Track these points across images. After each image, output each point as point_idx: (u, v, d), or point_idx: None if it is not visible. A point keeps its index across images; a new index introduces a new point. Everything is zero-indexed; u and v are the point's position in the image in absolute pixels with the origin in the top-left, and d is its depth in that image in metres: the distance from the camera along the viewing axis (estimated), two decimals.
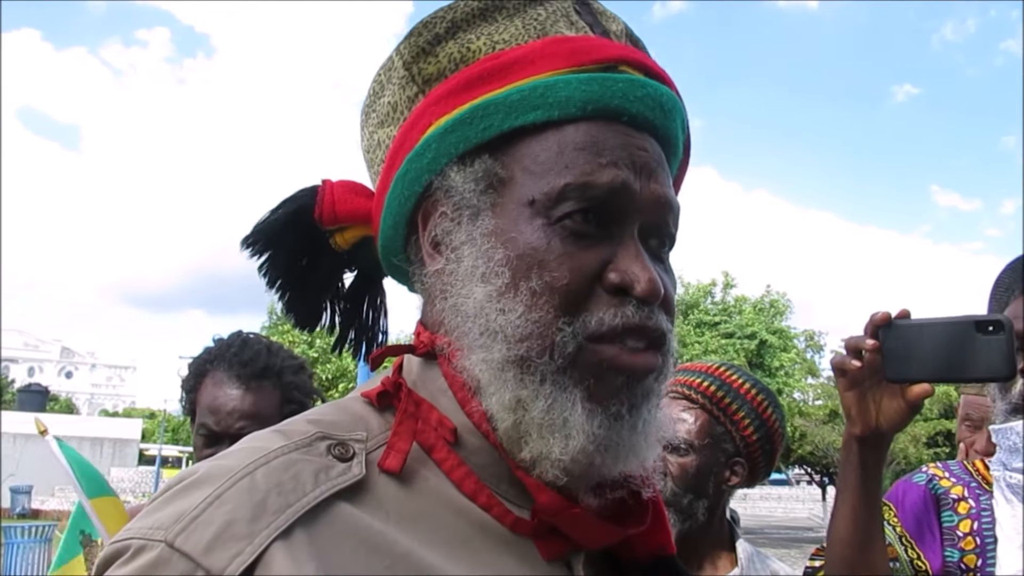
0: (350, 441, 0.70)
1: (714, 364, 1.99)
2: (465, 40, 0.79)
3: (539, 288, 0.70)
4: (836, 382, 1.37)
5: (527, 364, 0.70)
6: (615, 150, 0.74)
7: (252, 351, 1.89)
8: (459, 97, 0.76)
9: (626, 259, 0.72)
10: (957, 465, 1.79)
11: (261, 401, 1.83)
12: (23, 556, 12.70)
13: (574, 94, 0.74)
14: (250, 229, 0.89)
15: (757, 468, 1.92)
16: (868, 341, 1.28)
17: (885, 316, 1.27)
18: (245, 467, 0.64)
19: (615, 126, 0.75)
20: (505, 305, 0.71)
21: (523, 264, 0.71)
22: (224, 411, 1.81)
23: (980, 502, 1.66)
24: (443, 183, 0.76)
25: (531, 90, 0.74)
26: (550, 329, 0.70)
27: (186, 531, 0.60)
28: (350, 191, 0.87)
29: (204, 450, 1.82)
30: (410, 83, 0.81)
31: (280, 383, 1.87)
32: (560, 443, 0.69)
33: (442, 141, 0.76)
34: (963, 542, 1.63)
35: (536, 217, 0.72)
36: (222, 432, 1.80)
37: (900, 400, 1.28)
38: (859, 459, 1.35)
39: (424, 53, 0.80)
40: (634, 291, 0.71)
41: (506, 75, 0.75)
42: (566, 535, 0.73)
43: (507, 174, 0.75)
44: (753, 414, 1.89)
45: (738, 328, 33.33)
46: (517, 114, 0.74)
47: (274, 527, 0.60)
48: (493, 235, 0.73)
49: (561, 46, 0.77)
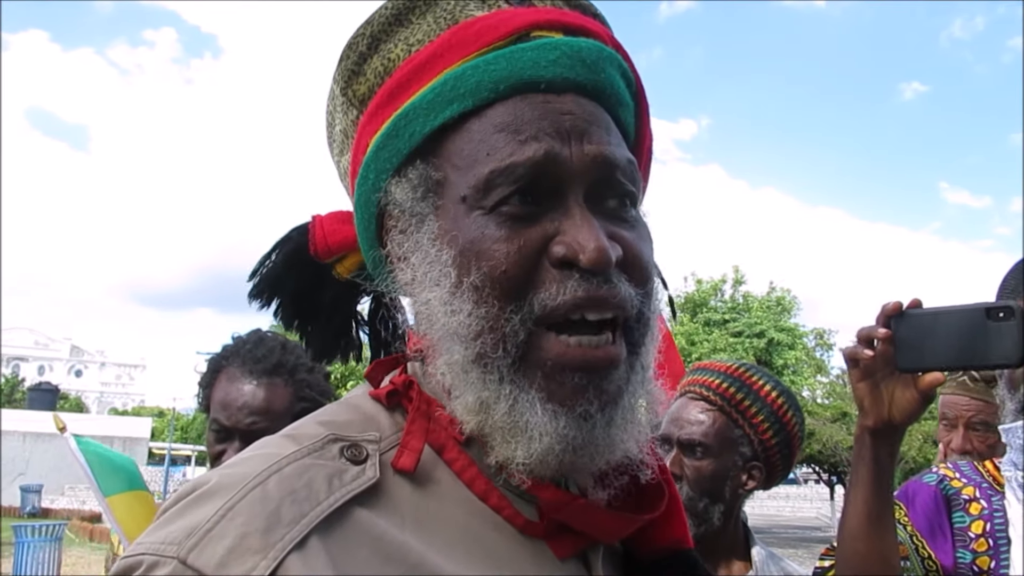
0: (363, 442, 0.69)
1: (734, 364, 1.94)
2: (385, 51, 0.78)
3: (479, 282, 0.68)
4: (848, 373, 1.36)
5: (485, 362, 0.68)
6: (534, 123, 0.71)
7: (266, 348, 1.90)
8: (384, 111, 0.76)
9: (571, 229, 0.68)
10: (967, 466, 1.78)
11: (273, 397, 1.83)
12: (33, 555, 12.75)
13: (483, 77, 0.72)
14: (250, 280, 0.89)
15: (775, 471, 1.88)
16: (880, 330, 1.28)
17: (897, 306, 1.28)
18: (257, 476, 0.63)
19: (534, 97, 0.72)
20: (455, 305, 0.69)
21: (465, 260, 0.69)
22: (235, 406, 1.82)
23: (992, 503, 1.65)
24: (388, 199, 0.76)
25: (442, 85, 0.73)
26: (498, 321, 0.68)
27: (199, 546, 0.58)
28: (338, 221, 0.87)
29: (216, 446, 1.83)
30: (350, 107, 0.81)
31: (293, 380, 1.88)
32: (523, 446, 0.67)
33: (377, 159, 0.76)
34: (976, 543, 1.62)
35: (472, 211, 0.70)
36: (232, 427, 1.81)
37: (913, 390, 1.28)
38: (872, 451, 1.34)
39: (354, 75, 0.80)
40: (579, 260, 0.67)
41: (420, 76, 0.74)
42: (579, 531, 0.72)
43: (441, 175, 0.73)
44: (772, 417, 1.84)
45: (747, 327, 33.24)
46: (435, 113, 0.73)
47: (288, 539, 0.59)
48: (438, 238, 0.72)
49: (467, 31, 0.74)
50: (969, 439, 2.72)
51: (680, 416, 1.87)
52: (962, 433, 2.72)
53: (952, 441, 2.74)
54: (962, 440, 2.71)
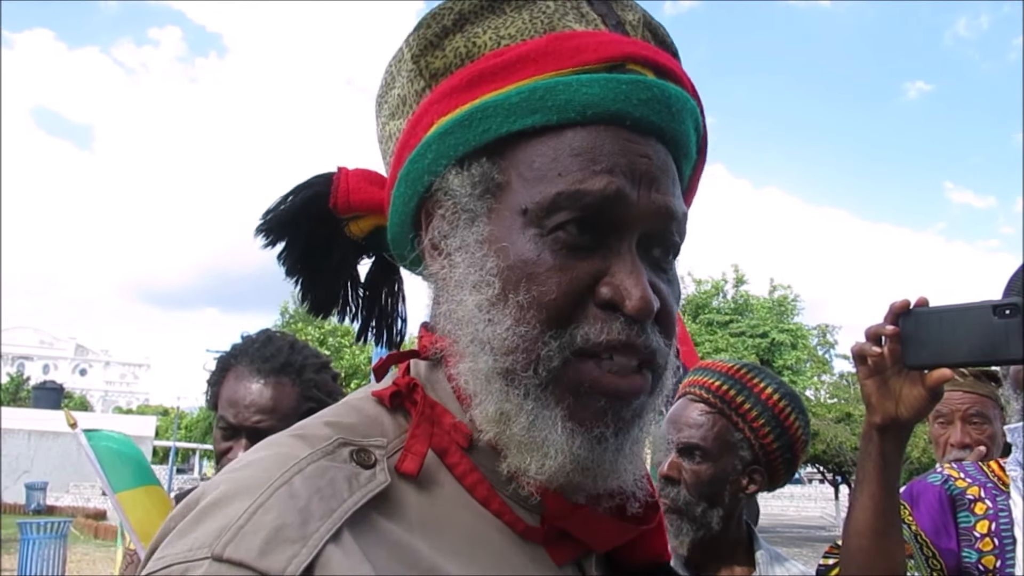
0: (370, 447, 0.68)
1: (735, 364, 1.89)
2: (472, 34, 0.77)
3: (526, 302, 0.68)
4: (856, 370, 1.37)
5: (512, 377, 0.69)
6: (612, 156, 0.70)
7: (275, 347, 1.91)
8: (461, 96, 0.74)
9: (620, 273, 0.69)
10: (972, 466, 1.78)
11: (279, 396, 1.84)
12: (38, 552, 12.79)
13: (574, 97, 0.71)
14: (263, 217, 0.87)
15: (777, 475, 1.83)
16: (888, 327, 1.29)
17: (904, 303, 1.29)
18: (281, 475, 0.62)
19: (616, 131, 0.72)
20: (494, 316, 0.69)
21: (513, 276, 0.69)
22: (242, 404, 1.83)
23: (997, 503, 1.65)
24: (443, 185, 0.75)
25: (530, 92, 0.71)
26: (536, 344, 0.68)
27: (234, 541, 0.57)
28: (365, 180, 0.86)
29: (222, 443, 1.84)
30: (418, 77, 0.79)
31: (300, 380, 1.88)
32: (537, 461, 0.68)
33: (442, 143, 0.74)
34: (981, 543, 1.62)
35: (529, 227, 0.70)
36: (239, 425, 1.82)
37: (920, 387, 1.29)
38: (879, 448, 1.35)
39: (431, 46, 0.78)
40: (625, 307, 0.69)
41: (508, 74, 0.73)
42: (577, 538, 0.73)
43: (504, 179, 0.72)
44: (773, 420, 1.79)
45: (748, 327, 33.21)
46: (515, 118, 0.72)
47: (325, 530, 0.59)
48: (487, 242, 0.72)
49: (565, 43, 0.73)
50: (967, 432, 2.72)
51: (679, 419, 1.83)
52: (960, 427, 2.72)
53: (951, 437, 2.74)
54: (960, 434, 2.72)
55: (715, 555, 1.82)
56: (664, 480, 1.79)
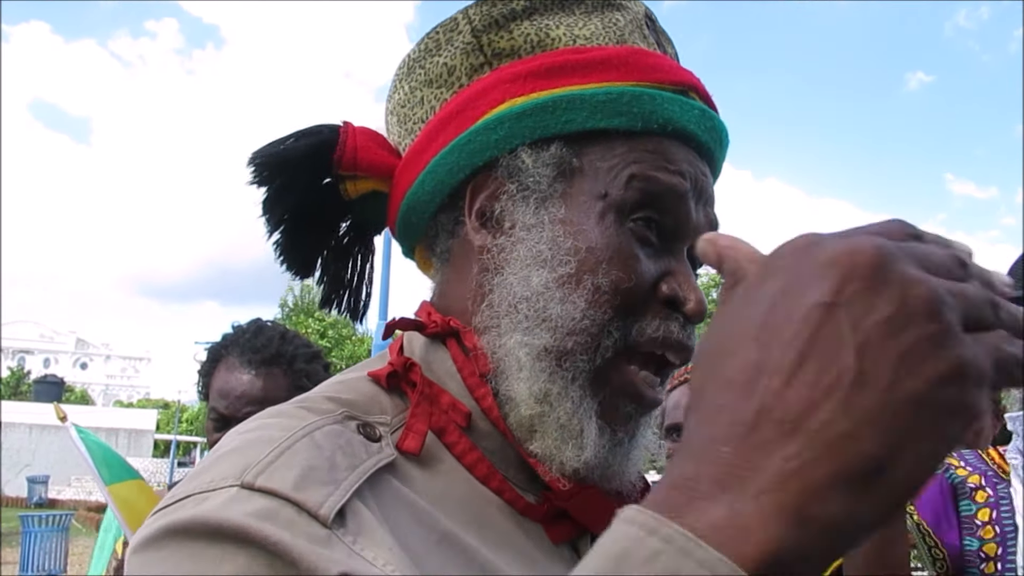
0: (374, 423, 0.69)
1: None
2: (543, 25, 0.79)
3: (605, 286, 0.71)
4: None
5: (566, 358, 0.70)
6: (682, 163, 0.75)
7: (265, 337, 1.91)
8: (539, 82, 0.75)
9: (680, 275, 0.74)
10: (972, 454, 1.78)
11: (271, 387, 1.85)
12: (40, 545, 12.85)
13: (656, 110, 0.75)
14: (259, 151, 0.83)
15: None
16: None
17: None
18: (302, 428, 0.62)
19: (685, 149, 0.76)
20: (565, 295, 0.71)
21: (591, 258, 0.71)
22: (233, 395, 1.84)
23: (998, 491, 1.66)
24: (511, 162, 0.76)
25: (619, 95, 0.74)
26: (603, 329, 0.71)
27: (266, 472, 0.56)
28: (372, 140, 0.85)
29: (214, 434, 1.84)
30: (476, 51, 0.79)
31: (291, 370, 1.89)
32: (574, 450, 0.70)
33: (518, 122, 0.75)
34: (982, 531, 1.62)
35: (607, 213, 0.73)
36: (230, 416, 1.82)
37: None
38: None
39: (497, 25, 0.79)
40: (685, 307, 0.73)
41: (590, 73, 0.75)
42: (574, 519, 0.73)
43: (579, 165, 0.75)
44: None
45: None
46: (601, 116, 0.74)
47: (352, 480, 0.59)
48: (562, 223, 0.73)
49: (643, 59, 0.77)
50: None
51: (681, 404, 1.87)
52: None
53: None
54: None
55: None
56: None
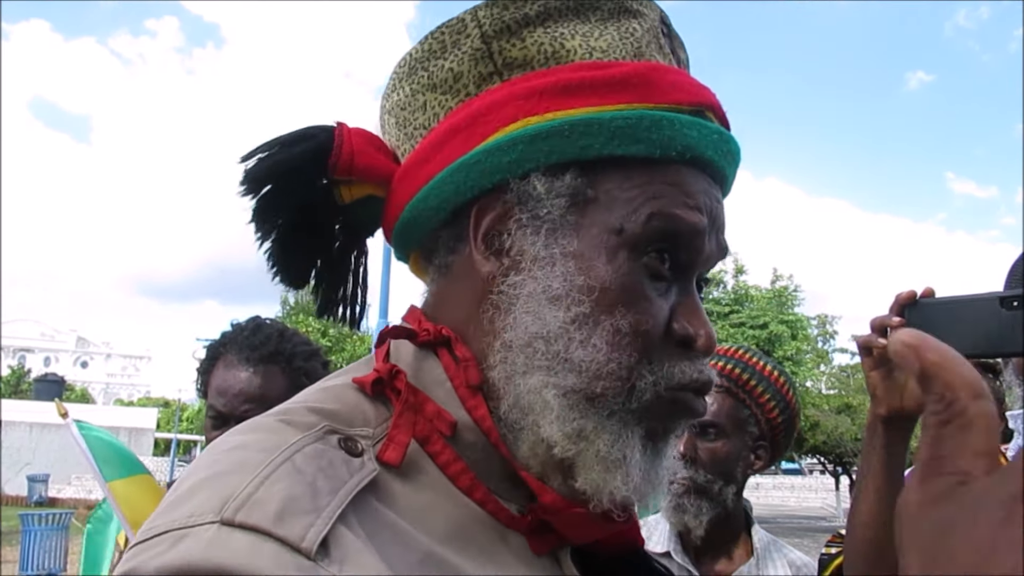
0: (356, 436, 0.67)
1: (733, 347, 1.96)
2: (557, 34, 0.74)
3: (625, 328, 0.68)
4: (862, 361, 1.37)
5: (598, 400, 0.68)
6: (699, 196, 0.73)
7: (264, 335, 1.91)
8: (554, 101, 0.71)
9: (689, 311, 0.72)
10: None
11: (269, 384, 1.84)
12: (40, 543, 12.85)
13: (676, 136, 0.71)
14: (247, 158, 0.79)
15: (778, 450, 1.91)
16: (894, 319, 1.29)
17: (911, 294, 1.28)
18: (281, 453, 0.60)
19: (701, 175, 0.74)
20: (585, 337, 0.68)
21: (605, 298, 0.69)
22: (231, 393, 1.83)
23: None
24: (522, 188, 0.72)
25: (637, 120, 0.71)
26: (632, 373, 0.68)
27: (246, 507, 0.54)
28: (369, 143, 0.81)
29: (213, 432, 1.83)
30: (486, 59, 0.75)
31: (290, 367, 1.88)
32: (622, 478, 0.69)
33: (531, 145, 0.71)
34: None
35: (621, 249, 0.70)
36: (228, 414, 1.81)
37: None
38: (884, 440, 1.34)
39: (509, 32, 0.74)
40: (696, 344, 0.71)
41: (608, 93, 0.72)
42: (557, 531, 0.72)
43: (593, 195, 0.71)
44: (777, 396, 1.87)
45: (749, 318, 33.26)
46: (619, 142, 0.71)
47: (335, 506, 0.57)
48: (574, 257, 0.70)
49: (662, 77, 0.74)
50: None
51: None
52: None
53: None
54: None
55: (718, 539, 1.85)
56: (680, 459, 1.84)
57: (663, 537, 1.89)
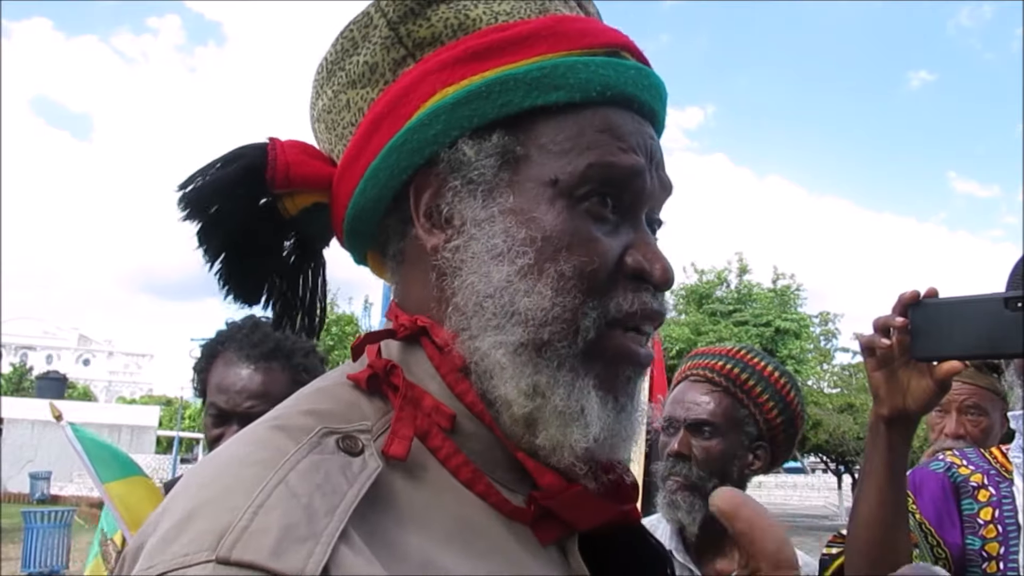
0: (355, 433, 0.65)
1: (734, 347, 1.96)
2: (461, 6, 0.75)
3: (568, 272, 0.69)
4: (864, 362, 1.36)
5: (545, 349, 0.69)
6: (632, 136, 0.74)
7: (262, 332, 1.91)
8: (468, 67, 0.73)
9: (642, 246, 0.74)
10: (975, 453, 1.78)
11: (270, 381, 1.85)
12: (43, 541, 12.89)
13: (592, 77, 0.73)
14: (184, 187, 0.80)
15: (779, 452, 1.89)
16: (897, 319, 1.28)
17: (914, 294, 1.28)
18: (275, 473, 0.58)
19: (627, 113, 0.75)
20: (529, 286, 0.69)
21: (549, 246, 0.70)
22: (233, 390, 1.83)
23: (1000, 490, 1.65)
24: (452, 156, 0.73)
25: (551, 68, 0.72)
26: (576, 314, 0.70)
27: (240, 542, 0.52)
28: (303, 153, 0.81)
29: (213, 430, 1.84)
30: (397, 45, 0.76)
31: (290, 364, 1.89)
32: (580, 430, 0.69)
33: (453, 113, 0.72)
34: (984, 530, 1.61)
35: (559, 198, 0.71)
36: (230, 411, 1.82)
37: (928, 379, 1.28)
38: (886, 440, 1.34)
39: (414, 14, 0.76)
40: (652, 277, 0.72)
41: (518, 49, 0.73)
42: (561, 518, 0.72)
43: (523, 151, 0.72)
44: (776, 396, 1.86)
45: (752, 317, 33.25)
46: (538, 93, 0.72)
47: (333, 527, 0.55)
48: (512, 213, 0.71)
49: (570, 25, 0.75)
50: (962, 423, 2.72)
51: (684, 398, 1.89)
52: (955, 418, 2.73)
53: (945, 427, 2.75)
54: (955, 425, 2.72)
55: (718, 538, 1.84)
56: (675, 457, 1.84)
57: (664, 536, 1.89)
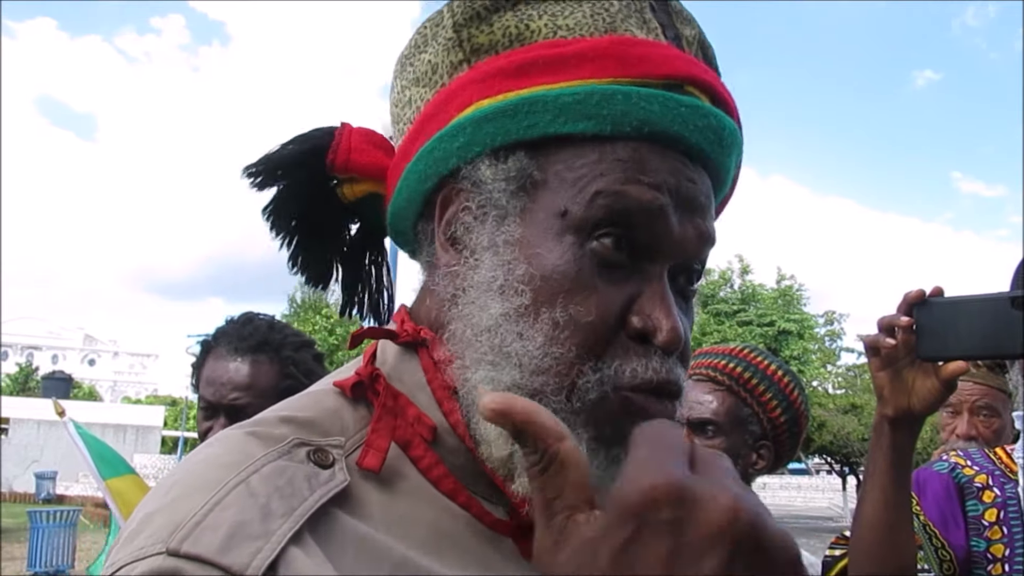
0: (327, 447, 0.65)
1: (738, 346, 1.95)
2: (526, 15, 0.71)
3: (563, 320, 0.64)
4: (869, 361, 1.35)
5: (538, 397, 0.64)
6: (661, 173, 0.67)
7: (252, 327, 1.95)
8: (507, 82, 0.69)
9: (651, 301, 0.66)
10: (979, 453, 1.77)
11: (257, 374, 1.87)
12: (48, 540, 12.91)
13: (631, 110, 0.67)
14: (257, 160, 0.81)
15: (783, 452, 1.89)
16: (902, 318, 1.27)
17: (919, 293, 1.27)
18: (238, 474, 0.59)
19: (667, 152, 0.68)
20: (523, 330, 0.65)
21: (547, 288, 0.65)
22: (219, 382, 1.86)
23: (1005, 491, 1.64)
24: (472, 173, 0.70)
25: (586, 95, 0.67)
26: (572, 369, 0.64)
27: (192, 536, 0.54)
28: (369, 141, 0.80)
29: (204, 423, 1.88)
30: (456, 48, 0.73)
31: (278, 357, 1.91)
32: None
33: (478, 128, 0.69)
34: (989, 532, 1.61)
35: (566, 233, 0.66)
36: (217, 403, 1.85)
37: (934, 379, 1.28)
38: (891, 440, 1.33)
39: (478, 19, 0.72)
40: (656, 339, 0.65)
41: (563, 69, 0.68)
42: None
43: (542, 178, 0.68)
44: (780, 395, 1.85)
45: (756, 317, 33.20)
46: (566, 119, 0.67)
47: (287, 528, 0.56)
48: (518, 245, 0.67)
49: (627, 50, 0.69)
50: (974, 424, 2.71)
51: (688, 398, 1.87)
52: (967, 419, 2.71)
53: (957, 427, 2.74)
54: (967, 426, 2.70)
55: None
56: None
57: None
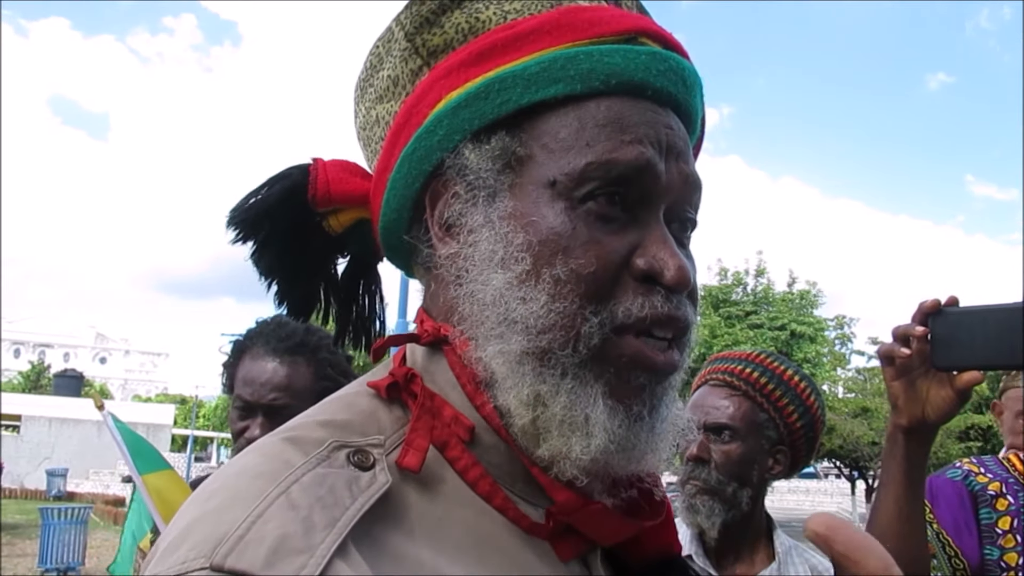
0: (367, 447, 0.65)
1: (754, 351, 1.95)
2: (473, 10, 0.74)
3: (564, 276, 0.66)
4: (883, 371, 1.35)
5: (548, 357, 0.66)
6: (639, 127, 0.69)
7: (289, 329, 1.95)
8: (471, 70, 0.71)
9: (654, 244, 0.68)
10: (992, 461, 1.76)
11: (295, 375, 1.88)
12: (59, 537, 12.98)
13: (596, 67, 0.69)
14: (235, 209, 0.82)
15: (799, 456, 1.88)
16: (917, 328, 1.26)
17: (934, 303, 1.26)
18: (278, 485, 0.58)
19: (639, 102, 0.71)
20: (526, 293, 0.66)
21: (546, 250, 0.67)
22: (258, 382, 1.86)
23: (1019, 499, 1.63)
24: (456, 162, 0.72)
25: (551, 62, 0.69)
26: (575, 320, 0.66)
27: (235, 551, 0.53)
28: (344, 170, 0.82)
29: (239, 422, 1.87)
30: (413, 55, 0.76)
31: (315, 359, 1.92)
32: (581, 441, 0.66)
33: (454, 117, 0.71)
34: (1003, 540, 1.60)
35: (557, 199, 0.68)
36: (255, 403, 1.85)
37: (948, 389, 1.26)
38: (904, 450, 1.32)
39: (428, 23, 0.75)
40: (663, 279, 0.67)
41: (521, 46, 0.70)
42: (581, 533, 0.70)
43: (525, 152, 0.70)
44: (797, 400, 1.85)
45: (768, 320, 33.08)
46: (536, 88, 0.69)
47: (330, 541, 0.55)
48: (512, 217, 0.69)
49: (578, 15, 0.72)
50: None
51: (704, 403, 1.88)
52: None
53: None
54: None
55: (738, 542, 1.84)
56: (694, 461, 1.83)
57: (684, 540, 1.89)
